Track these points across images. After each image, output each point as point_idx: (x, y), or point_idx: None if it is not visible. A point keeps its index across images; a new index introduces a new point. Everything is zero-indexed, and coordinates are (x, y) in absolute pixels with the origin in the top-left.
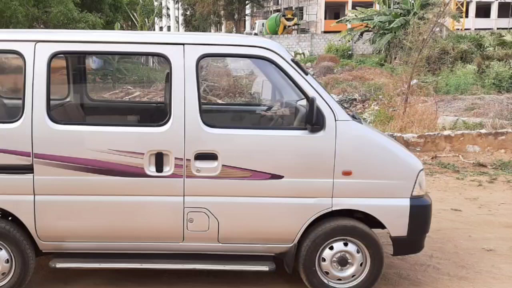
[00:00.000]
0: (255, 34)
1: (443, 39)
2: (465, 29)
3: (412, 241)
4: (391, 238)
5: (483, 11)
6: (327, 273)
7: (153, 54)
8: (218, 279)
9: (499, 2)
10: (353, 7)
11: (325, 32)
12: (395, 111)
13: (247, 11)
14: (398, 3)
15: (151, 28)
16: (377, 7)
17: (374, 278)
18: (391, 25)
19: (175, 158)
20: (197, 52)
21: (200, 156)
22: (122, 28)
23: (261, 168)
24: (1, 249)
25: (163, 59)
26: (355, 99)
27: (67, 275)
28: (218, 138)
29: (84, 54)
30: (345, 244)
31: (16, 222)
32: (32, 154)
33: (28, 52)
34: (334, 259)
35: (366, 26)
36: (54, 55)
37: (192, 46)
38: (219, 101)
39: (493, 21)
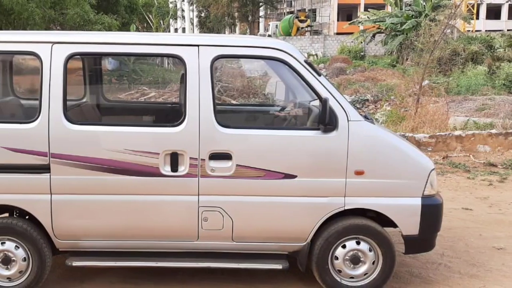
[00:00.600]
0: (269, 35)
1: (454, 41)
2: (476, 30)
3: (423, 239)
4: (403, 236)
5: (493, 13)
6: (339, 271)
7: (168, 56)
8: (232, 277)
9: (509, 4)
10: (366, 9)
11: (337, 33)
12: (407, 111)
13: (261, 13)
14: (409, 5)
15: (166, 29)
16: (389, 9)
17: (386, 276)
18: (403, 27)
19: (190, 158)
20: (211, 53)
21: (215, 156)
22: (137, 30)
23: (275, 167)
24: (19, 247)
25: (178, 60)
26: (367, 100)
27: (84, 273)
28: (232, 138)
29: (100, 55)
30: (358, 243)
31: (33, 221)
32: (49, 154)
33: (45, 54)
34: (347, 257)
35: (378, 28)
36: (71, 56)
37: (207, 48)
38: (233, 102)
39: (504, 23)
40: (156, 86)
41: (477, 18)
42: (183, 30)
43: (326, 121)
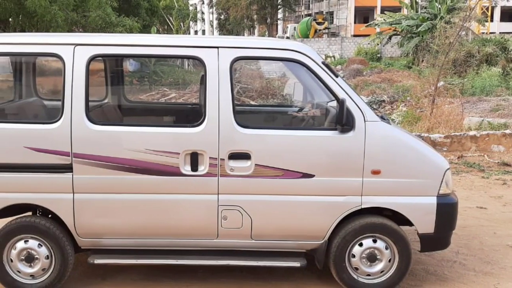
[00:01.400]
0: (287, 37)
1: (469, 43)
2: (490, 32)
3: (439, 238)
4: (419, 235)
5: (507, 15)
6: (356, 269)
7: (188, 57)
8: (251, 275)
9: None
10: (382, 11)
11: (354, 35)
12: (423, 112)
13: (279, 16)
14: (425, 8)
15: (187, 32)
16: (405, 11)
17: (402, 274)
18: (419, 29)
19: (210, 158)
20: (231, 55)
21: (234, 156)
22: (158, 32)
23: (293, 167)
24: (42, 245)
25: (198, 62)
26: (383, 101)
27: (105, 271)
28: (251, 138)
29: (121, 57)
30: (374, 241)
31: (56, 219)
32: (71, 153)
33: (67, 55)
34: (364, 255)
35: (395, 30)
36: (93, 58)
37: (226, 49)
38: (252, 103)
39: None
40: (177, 87)
41: (492, 20)
42: (203, 32)
43: (343, 121)
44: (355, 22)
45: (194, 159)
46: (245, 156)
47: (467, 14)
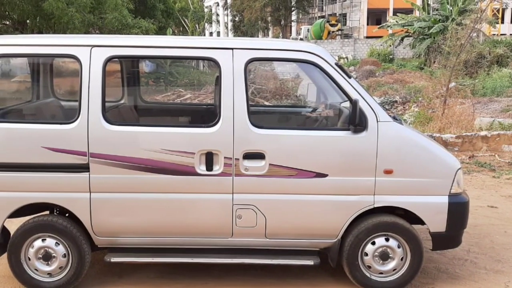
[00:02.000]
0: (301, 39)
1: (480, 44)
2: (501, 34)
3: (450, 236)
4: (430, 233)
5: None
6: (369, 267)
7: (203, 58)
8: (266, 273)
9: None
10: (394, 13)
11: (367, 37)
12: (434, 112)
13: (293, 17)
14: (437, 10)
15: (202, 33)
16: (417, 13)
17: (414, 272)
18: (431, 31)
19: (224, 158)
20: (245, 56)
21: (248, 156)
22: (174, 34)
23: (307, 167)
24: (59, 244)
25: (213, 63)
26: (396, 101)
27: (122, 269)
28: (266, 138)
29: (137, 58)
30: (387, 240)
31: (73, 218)
32: (88, 153)
33: (84, 57)
34: (376, 253)
35: (407, 32)
36: (109, 59)
37: (241, 51)
38: (266, 103)
39: None
40: (192, 88)
41: (502, 22)
42: (218, 34)
43: (356, 122)
44: (367, 24)
45: (209, 159)
46: (259, 156)
47: (478, 16)
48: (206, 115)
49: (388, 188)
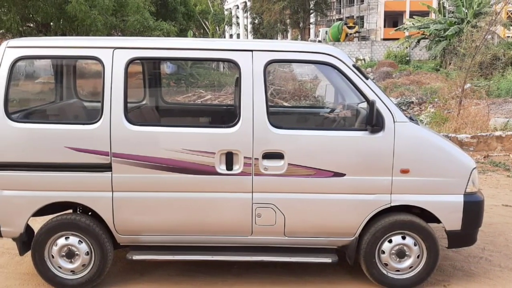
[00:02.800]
0: (319, 41)
1: (495, 46)
2: None
3: (465, 234)
4: (446, 232)
5: None
6: (386, 264)
7: (223, 60)
8: (285, 270)
9: None
10: (411, 16)
11: (384, 39)
12: (450, 113)
13: (312, 20)
14: (452, 12)
15: (222, 35)
16: (433, 16)
17: (430, 269)
18: (446, 33)
19: (244, 157)
20: (264, 58)
21: (268, 155)
22: (194, 36)
23: (325, 166)
24: (82, 242)
25: (233, 64)
26: (412, 102)
27: (143, 267)
28: (285, 138)
29: (159, 60)
30: (403, 238)
31: (96, 217)
32: (110, 153)
33: (106, 58)
34: (393, 251)
35: (423, 34)
36: (131, 61)
37: (260, 53)
38: (285, 104)
39: None
40: (212, 89)
41: None
42: (238, 36)
43: (373, 122)
44: (384, 26)
45: (229, 158)
46: (278, 155)
47: (493, 19)
48: (226, 116)
49: (405, 187)
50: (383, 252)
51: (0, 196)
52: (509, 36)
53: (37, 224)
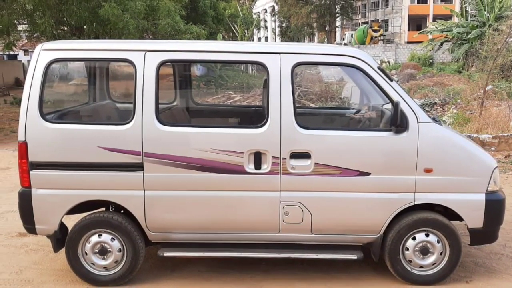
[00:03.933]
0: (345, 44)
1: None
2: None
3: (487, 232)
4: (468, 229)
5: None
6: (410, 261)
7: (252, 62)
8: (311, 267)
9: None
10: (434, 19)
11: (408, 42)
12: (472, 114)
13: (338, 23)
14: (474, 16)
15: (250, 38)
16: (455, 19)
17: (453, 266)
18: (468, 36)
19: (272, 157)
20: (292, 60)
21: (295, 155)
22: (224, 39)
23: (350, 165)
24: (114, 239)
25: (261, 67)
26: (435, 103)
27: (174, 263)
28: (311, 138)
29: (189, 62)
30: (427, 235)
31: (128, 215)
32: (142, 153)
33: (138, 61)
34: (417, 248)
35: (446, 37)
36: (162, 63)
37: (288, 55)
38: (312, 105)
39: None
40: (241, 91)
41: None
42: (266, 39)
43: (397, 123)
44: (408, 30)
45: (258, 158)
46: (305, 155)
47: None
48: (255, 117)
49: (428, 186)
50: (407, 249)
51: (35, 195)
52: None
53: (71, 222)
